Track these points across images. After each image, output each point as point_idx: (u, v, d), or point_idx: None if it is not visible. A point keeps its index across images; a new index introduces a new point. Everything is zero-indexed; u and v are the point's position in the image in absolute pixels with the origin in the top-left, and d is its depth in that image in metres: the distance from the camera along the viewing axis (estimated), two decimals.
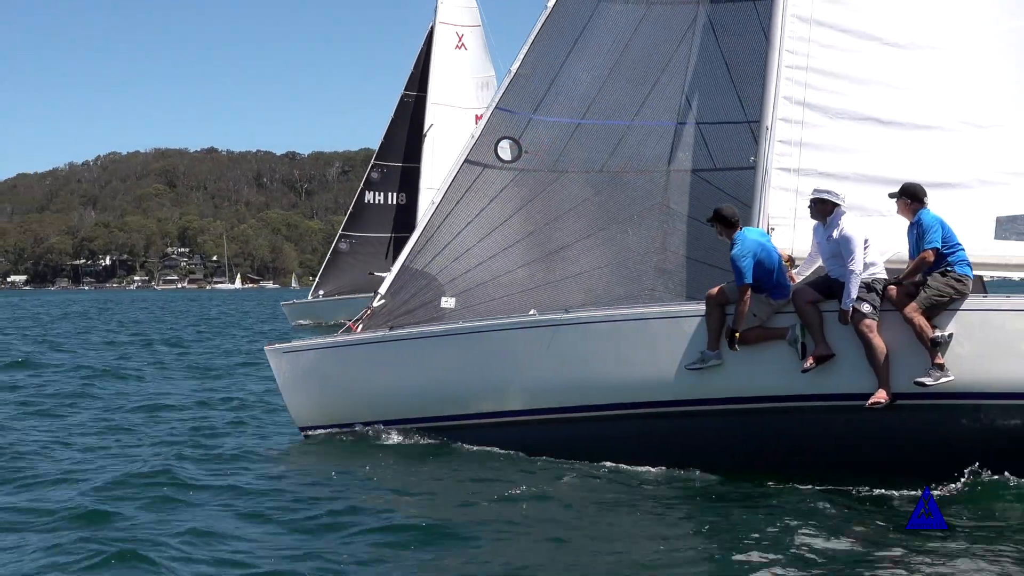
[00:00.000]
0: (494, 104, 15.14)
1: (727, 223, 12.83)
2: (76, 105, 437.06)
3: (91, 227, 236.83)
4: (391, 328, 14.41)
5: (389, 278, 14.94)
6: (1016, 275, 13.69)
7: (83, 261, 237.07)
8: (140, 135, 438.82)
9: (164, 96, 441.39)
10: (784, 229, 13.80)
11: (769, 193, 13.90)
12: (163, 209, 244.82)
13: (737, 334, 12.51)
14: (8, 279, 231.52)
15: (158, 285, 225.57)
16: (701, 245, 14.70)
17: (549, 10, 15.18)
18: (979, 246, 13.40)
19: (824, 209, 12.77)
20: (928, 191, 13.36)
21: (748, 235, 12.71)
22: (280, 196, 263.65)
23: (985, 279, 14.01)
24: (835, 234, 12.56)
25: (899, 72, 13.96)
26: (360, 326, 14.69)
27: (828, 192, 12.83)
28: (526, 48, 15.18)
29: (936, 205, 13.28)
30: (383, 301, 14.82)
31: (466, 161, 15.06)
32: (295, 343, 15.05)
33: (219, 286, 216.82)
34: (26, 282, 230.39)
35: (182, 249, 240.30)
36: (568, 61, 15.20)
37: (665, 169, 15.12)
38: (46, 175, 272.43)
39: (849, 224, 12.55)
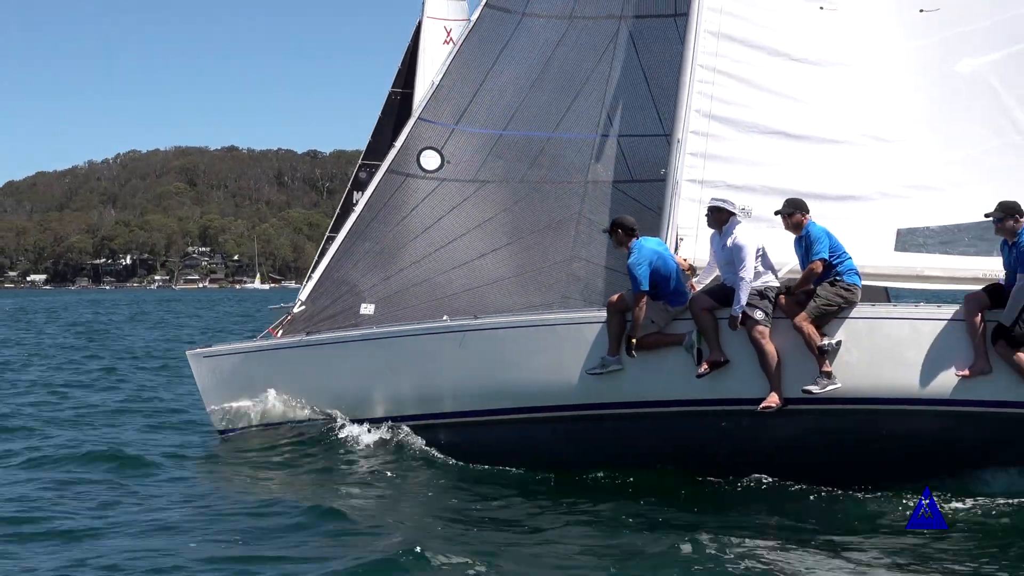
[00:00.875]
0: (417, 115, 15.46)
1: (628, 231, 13.13)
2: (95, 103, 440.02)
3: (111, 226, 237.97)
4: (308, 333, 14.75)
5: (310, 285, 15.30)
6: (915, 286, 13.94)
7: (103, 260, 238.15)
8: (159, 133, 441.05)
9: (183, 94, 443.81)
10: (692, 239, 14.10)
11: (679, 204, 14.21)
12: (183, 208, 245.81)
13: (634, 340, 12.82)
14: (28, 278, 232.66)
15: (178, 285, 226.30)
16: (617, 254, 14.94)
17: (473, 23, 15.53)
18: (880, 258, 13.76)
19: (720, 218, 13.10)
20: (832, 203, 13.80)
21: (645, 244, 13.02)
22: (301, 195, 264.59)
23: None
24: (729, 242, 12.89)
25: (807, 87, 14.27)
26: (280, 331, 15.03)
27: (724, 201, 13.20)
28: (450, 60, 15.53)
29: (840, 217, 13.70)
30: (304, 307, 15.19)
31: (388, 171, 15.41)
32: (216, 347, 15.40)
33: (248, 285, 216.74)
34: (46, 281, 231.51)
35: (203, 248, 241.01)
36: (491, 73, 15.53)
37: (584, 180, 15.46)
38: (65, 173, 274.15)
39: (742, 233, 12.88)
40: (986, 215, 12.48)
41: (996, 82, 13.90)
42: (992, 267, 13.05)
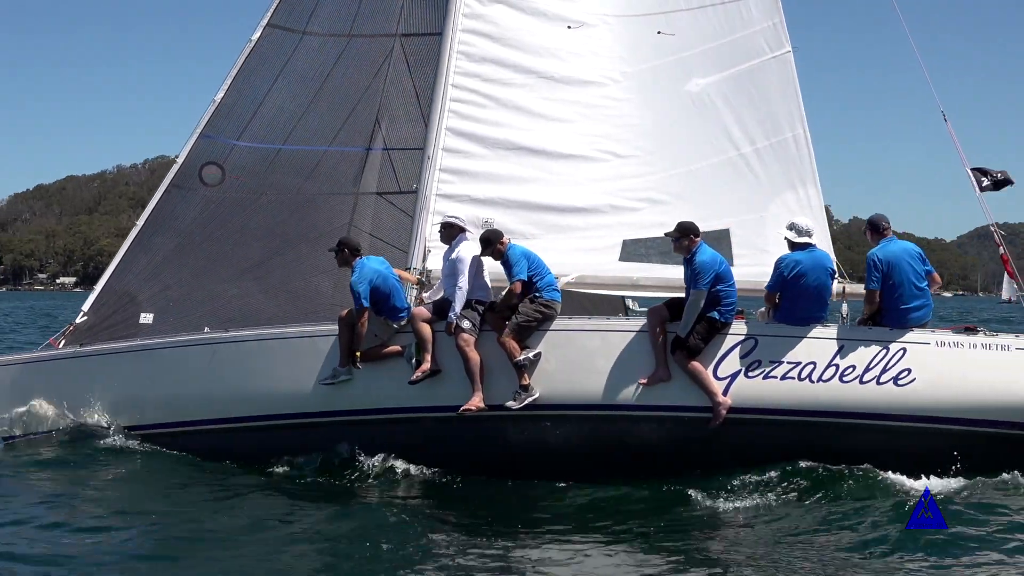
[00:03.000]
0: (199, 131, 16.01)
1: (353, 251, 13.75)
2: (124, 108, 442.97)
3: None
4: (81, 345, 15.34)
5: (92, 296, 15.86)
6: (633, 294, 14.47)
7: None
8: (187, 139, 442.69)
9: (211, 100, 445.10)
10: (439, 252, 14.62)
11: (427, 218, 14.78)
12: None
13: (358, 353, 13.42)
14: (58, 280, 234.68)
15: None
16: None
17: (254, 42, 16.06)
18: (606, 267, 14.31)
19: (451, 233, 13.76)
20: (568, 215, 14.40)
21: (367, 263, 13.64)
22: None
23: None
24: (452, 255, 13.50)
25: (551, 105, 14.92)
26: (62, 342, 15.61)
27: (455, 218, 13.85)
28: (231, 77, 16.05)
29: (575, 228, 14.36)
30: (86, 318, 15.74)
31: (171, 185, 15.98)
32: None
33: None
34: (75, 284, 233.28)
35: None
36: (272, 90, 16.10)
37: (354, 192, 16.03)
38: (94, 177, 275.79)
39: (464, 247, 13.51)
40: (665, 234, 13.02)
41: (719, 101, 14.53)
42: None
